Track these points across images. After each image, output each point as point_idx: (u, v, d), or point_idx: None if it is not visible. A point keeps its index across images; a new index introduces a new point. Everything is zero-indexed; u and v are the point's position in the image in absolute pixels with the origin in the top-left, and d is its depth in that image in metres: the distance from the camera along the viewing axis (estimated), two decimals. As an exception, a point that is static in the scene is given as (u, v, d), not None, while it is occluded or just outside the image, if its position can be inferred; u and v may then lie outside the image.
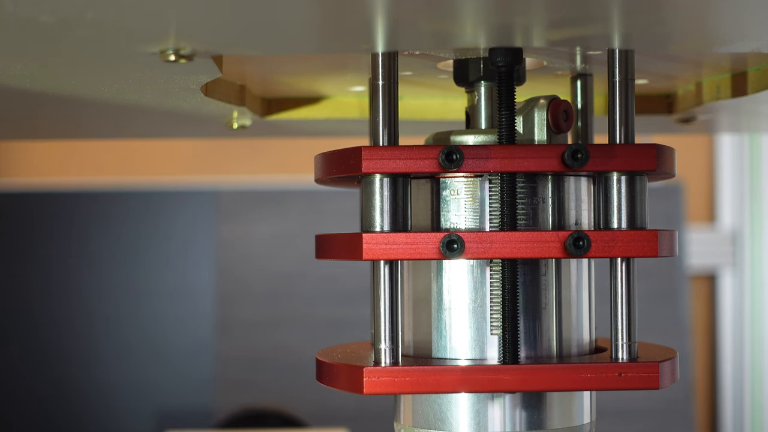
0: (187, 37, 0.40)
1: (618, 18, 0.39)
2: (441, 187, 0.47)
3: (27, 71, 0.47)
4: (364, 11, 0.37)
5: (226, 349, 2.18)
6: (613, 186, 0.45)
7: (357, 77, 0.55)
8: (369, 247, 0.44)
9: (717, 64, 0.53)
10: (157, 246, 2.20)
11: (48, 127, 0.69)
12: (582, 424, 0.48)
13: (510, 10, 0.38)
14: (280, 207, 2.21)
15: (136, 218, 2.19)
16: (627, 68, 0.45)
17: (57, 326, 2.15)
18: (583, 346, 0.48)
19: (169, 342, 2.17)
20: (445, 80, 0.53)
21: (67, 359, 2.15)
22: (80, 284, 2.17)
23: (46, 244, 2.17)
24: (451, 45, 0.46)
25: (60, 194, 2.16)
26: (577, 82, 0.54)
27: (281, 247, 2.21)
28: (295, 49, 0.44)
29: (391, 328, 0.44)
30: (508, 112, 0.45)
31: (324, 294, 2.20)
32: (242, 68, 0.52)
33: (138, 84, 0.49)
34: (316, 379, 0.48)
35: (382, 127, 0.45)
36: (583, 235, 0.44)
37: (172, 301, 2.19)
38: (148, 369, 2.16)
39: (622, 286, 0.45)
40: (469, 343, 0.47)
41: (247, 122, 0.61)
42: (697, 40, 0.43)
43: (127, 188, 2.18)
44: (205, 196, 2.21)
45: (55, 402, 2.15)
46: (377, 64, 0.45)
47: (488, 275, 0.46)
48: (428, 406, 0.47)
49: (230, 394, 2.17)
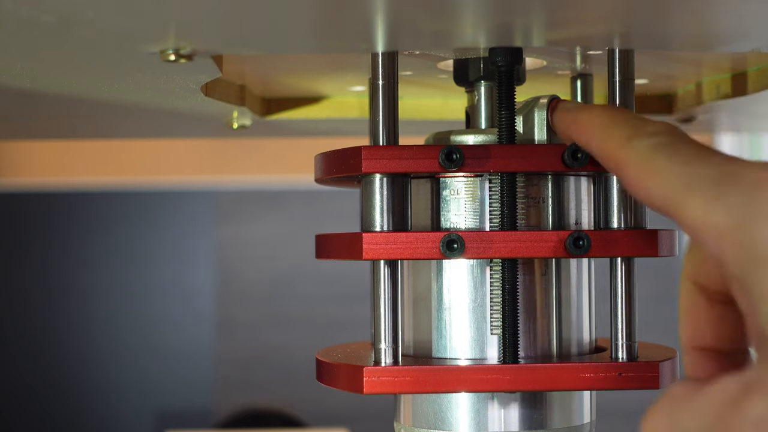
0: (187, 37, 0.40)
1: (618, 18, 0.39)
2: (441, 186, 0.47)
3: (27, 71, 0.47)
4: (364, 11, 0.37)
5: (226, 349, 2.18)
6: (613, 186, 0.45)
7: (357, 77, 0.56)
8: (369, 247, 0.44)
9: (717, 64, 0.53)
10: (157, 246, 2.20)
11: (47, 126, 0.69)
12: (582, 424, 0.48)
13: (510, 10, 0.38)
14: (280, 207, 2.21)
15: (136, 218, 2.19)
16: (627, 68, 0.45)
17: (57, 326, 2.15)
18: (583, 346, 0.48)
19: (169, 342, 2.17)
20: (445, 80, 0.53)
21: (67, 359, 2.15)
22: (80, 284, 2.17)
23: (46, 245, 2.17)
24: (451, 45, 0.46)
25: (59, 194, 2.16)
26: (577, 82, 0.54)
27: (281, 247, 2.21)
28: (295, 49, 0.44)
29: (391, 327, 0.44)
30: (508, 112, 0.45)
31: (324, 294, 2.20)
32: (242, 68, 0.52)
33: (138, 84, 0.49)
34: (316, 379, 0.48)
35: (382, 127, 0.45)
36: (583, 234, 0.44)
37: (172, 302, 2.19)
38: (148, 369, 2.16)
39: (622, 286, 0.45)
40: (469, 342, 0.47)
41: (247, 122, 0.61)
42: (697, 40, 0.43)
43: (126, 188, 2.18)
44: (204, 196, 2.21)
45: (55, 402, 2.15)
46: (377, 64, 0.45)
47: (488, 275, 0.46)
48: (428, 405, 0.47)
49: (230, 394, 2.17)
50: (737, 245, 0.34)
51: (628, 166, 0.38)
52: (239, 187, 2.21)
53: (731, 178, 0.35)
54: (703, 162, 0.36)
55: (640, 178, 0.37)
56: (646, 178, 0.37)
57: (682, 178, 0.36)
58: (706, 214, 0.35)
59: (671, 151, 0.37)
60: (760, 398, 0.33)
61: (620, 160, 0.38)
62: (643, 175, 0.37)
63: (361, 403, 2.08)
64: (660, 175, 0.36)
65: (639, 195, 0.38)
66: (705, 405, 0.34)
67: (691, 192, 0.35)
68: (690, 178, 0.36)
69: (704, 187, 0.35)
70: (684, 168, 0.36)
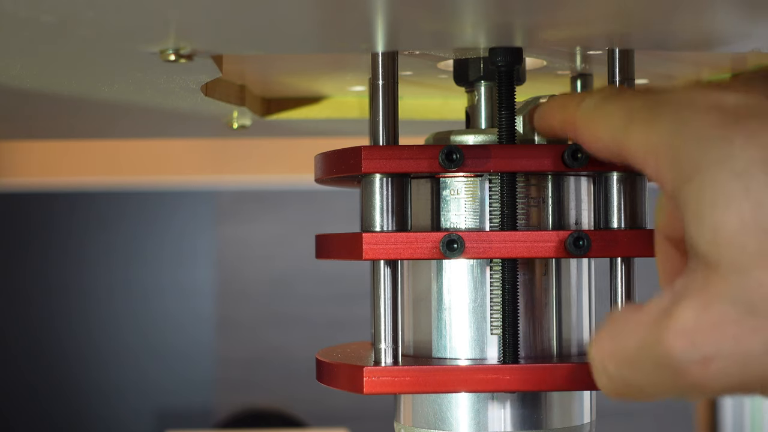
0: (187, 37, 0.40)
1: (618, 18, 0.39)
2: (441, 186, 0.47)
3: (27, 71, 0.47)
4: (364, 11, 0.37)
5: (226, 349, 2.18)
6: (613, 186, 0.45)
7: (357, 77, 0.55)
8: (369, 246, 0.44)
9: (717, 64, 0.53)
10: (157, 246, 2.20)
11: (47, 126, 0.69)
12: (582, 424, 0.48)
13: (510, 10, 0.38)
14: (280, 207, 2.21)
15: (136, 218, 2.19)
16: (627, 68, 0.45)
17: (57, 326, 2.15)
18: (583, 346, 0.48)
19: (169, 342, 2.17)
20: (445, 80, 0.53)
21: (67, 359, 2.15)
22: (80, 284, 2.17)
23: (46, 245, 2.17)
24: (451, 45, 0.46)
25: (59, 194, 2.16)
26: (577, 82, 0.54)
27: (281, 247, 2.21)
28: (295, 49, 0.44)
29: (391, 327, 0.44)
30: (508, 112, 0.45)
31: (324, 294, 2.20)
32: (242, 68, 0.52)
33: (138, 84, 0.49)
34: (316, 379, 0.48)
35: (382, 127, 0.45)
36: (583, 234, 0.44)
37: (172, 301, 2.19)
38: (148, 369, 2.16)
39: (622, 286, 0.45)
40: (469, 342, 0.47)
41: (247, 122, 0.61)
42: (697, 40, 0.43)
43: (126, 188, 2.18)
44: (204, 196, 2.21)
45: (55, 402, 2.15)
46: (377, 64, 0.45)
47: (488, 275, 0.46)
48: (428, 405, 0.47)
49: (230, 394, 2.17)
50: (670, 164, 0.36)
51: (581, 122, 0.41)
52: (239, 187, 2.21)
53: (664, 103, 0.37)
54: (640, 96, 0.38)
55: (590, 128, 0.40)
56: (595, 127, 0.40)
57: (624, 113, 0.38)
58: (644, 138, 0.37)
59: (615, 98, 0.39)
60: (686, 306, 0.34)
61: (575, 121, 0.41)
62: (592, 124, 0.40)
63: (361, 403, 2.08)
64: (606, 118, 0.39)
65: (593, 146, 0.40)
66: (641, 321, 0.36)
67: (632, 123, 0.38)
68: (630, 112, 0.38)
69: (642, 116, 0.37)
70: (625, 104, 0.38)
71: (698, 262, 0.35)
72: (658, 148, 0.36)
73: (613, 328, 0.38)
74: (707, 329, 0.34)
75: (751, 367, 0.34)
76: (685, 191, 0.35)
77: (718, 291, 0.34)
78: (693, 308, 0.34)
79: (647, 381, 0.36)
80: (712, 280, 0.34)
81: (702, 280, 0.34)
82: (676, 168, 0.35)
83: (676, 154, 0.35)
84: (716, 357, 0.34)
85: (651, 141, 0.36)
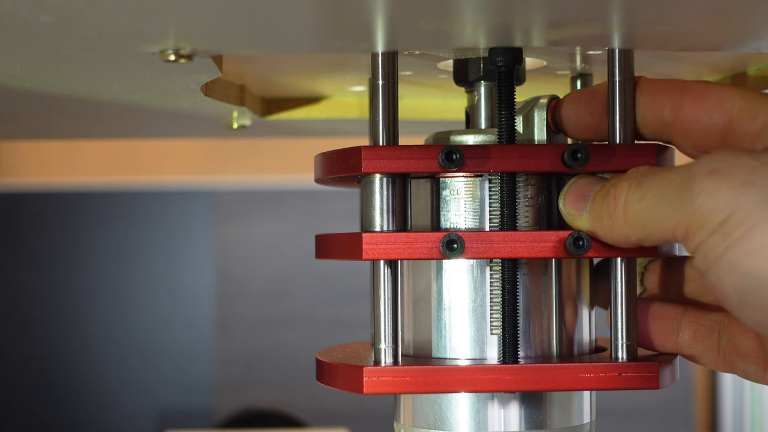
0: (187, 37, 0.40)
1: (618, 18, 0.39)
2: (441, 186, 0.47)
3: (27, 71, 0.47)
4: (364, 11, 0.37)
5: (226, 349, 2.18)
6: (613, 186, 0.45)
7: (357, 77, 0.55)
8: (369, 247, 0.44)
9: (717, 64, 0.53)
10: (157, 246, 2.20)
11: (47, 127, 0.69)
12: (582, 424, 0.48)
13: (510, 10, 0.38)
14: (279, 207, 2.21)
15: (136, 218, 2.19)
16: (627, 68, 0.45)
17: (57, 326, 2.15)
18: (583, 346, 0.48)
19: (169, 342, 2.17)
20: (445, 80, 0.54)
21: (67, 360, 2.15)
22: (79, 284, 2.17)
23: (46, 245, 2.17)
24: (451, 45, 0.46)
25: (59, 194, 2.16)
26: (577, 82, 0.54)
27: (281, 247, 2.21)
28: (295, 49, 0.44)
29: (391, 327, 0.44)
30: (508, 112, 0.45)
31: (324, 294, 2.20)
32: (242, 68, 0.52)
33: (138, 84, 0.49)
34: (316, 379, 0.48)
35: (382, 127, 0.45)
36: (583, 234, 0.44)
37: (172, 301, 2.19)
38: (148, 369, 2.16)
39: (622, 286, 0.45)
40: (469, 342, 0.47)
41: (247, 122, 0.61)
42: (698, 40, 0.43)
43: (126, 188, 2.18)
44: (205, 196, 2.21)
45: (55, 402, 2.15)
46: (377, 64, 0.45)
47: (488, 275, 0.46)
48: (428, 405, 0.47)
49: (230, 394, 2.17)
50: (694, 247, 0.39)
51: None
52: (239, 187, 2.21)
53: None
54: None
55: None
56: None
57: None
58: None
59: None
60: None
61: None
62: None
63: (361, 403, 2.08)
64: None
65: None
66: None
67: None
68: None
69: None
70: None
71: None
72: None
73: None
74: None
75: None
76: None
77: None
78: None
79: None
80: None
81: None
82: (702, 256, 0.39)
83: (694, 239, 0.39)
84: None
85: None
